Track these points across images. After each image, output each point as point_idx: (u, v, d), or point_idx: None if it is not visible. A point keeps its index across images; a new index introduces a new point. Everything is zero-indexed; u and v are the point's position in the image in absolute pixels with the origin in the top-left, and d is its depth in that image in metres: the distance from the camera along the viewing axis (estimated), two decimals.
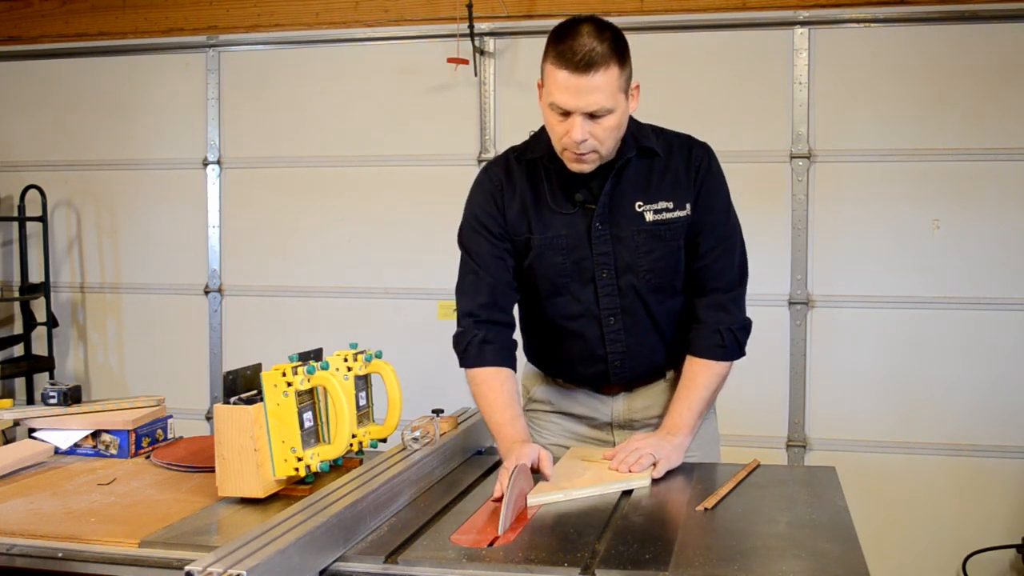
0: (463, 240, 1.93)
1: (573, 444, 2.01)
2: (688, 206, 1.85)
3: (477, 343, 1.86)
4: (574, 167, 1.78)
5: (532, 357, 2.08)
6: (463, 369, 1.90)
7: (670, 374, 1.98)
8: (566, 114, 1.70)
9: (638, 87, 1.78)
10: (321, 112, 3.88)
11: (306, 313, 3.92)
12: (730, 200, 1.92)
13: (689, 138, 1.92)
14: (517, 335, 1.94)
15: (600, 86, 1.66)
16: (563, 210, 1.85)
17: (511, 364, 1.89)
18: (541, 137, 1.86)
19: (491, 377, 1.85)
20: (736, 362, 1.92)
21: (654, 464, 1.74)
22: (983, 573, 3.41)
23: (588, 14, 1.74)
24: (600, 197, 1.82)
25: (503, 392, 1.84)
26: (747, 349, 1.92)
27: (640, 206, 1.84)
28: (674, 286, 1.89)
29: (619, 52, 1.69)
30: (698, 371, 1.88)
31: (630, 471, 1.71)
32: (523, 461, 1.64)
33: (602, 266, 1.85)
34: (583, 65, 1.65)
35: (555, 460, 1.77)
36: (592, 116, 1.69)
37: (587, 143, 1.72)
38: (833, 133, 3.47)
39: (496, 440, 1.84)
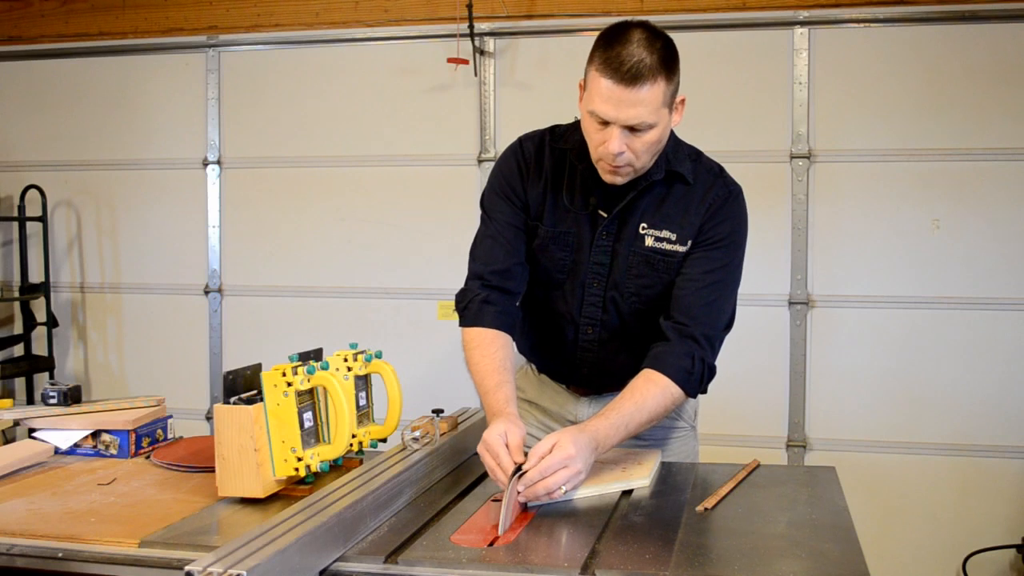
0: (486, 203, 1.88)
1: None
2: (689, 243, 1.78)
3: (478, 302, 1.80)
4: (607, 178, 1.73)
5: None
6: (461, 328, 1.84)
7: None
8: (605, 123, 1.63)
9: (683, 101, 1.70)
10: (321, 112, 3.88)
11: (306, 313, 3.91)
12: (739, 246, 1.82)
13: (721, 174, 1.83)
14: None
15: (644, 100, 1.59)
16: (576, 209, 1.81)
17: (510, 330, 1.81)
18: (577, 130, 1.77)
19: (485, 340, 1.77)
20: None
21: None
22: (983, 573, 3.40)
23: (641, 19, 1.65)
24: (614, 207, 1.78)
25: (494, 357, 1.75)
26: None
27: (644, 228, 1.79)
28: (657, 314, 1.80)
29: (668, 65, 1.61)
30: (652, 389, 1.70)
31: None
32: (491, 441, 1.57)
33: (595, 276, 1.82)
34: (629, 77, 1.57)
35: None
36: (632, 129, 1.63)
37: (623, 156, 1.65)
38: (833, 133, 3.47)
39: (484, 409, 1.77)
